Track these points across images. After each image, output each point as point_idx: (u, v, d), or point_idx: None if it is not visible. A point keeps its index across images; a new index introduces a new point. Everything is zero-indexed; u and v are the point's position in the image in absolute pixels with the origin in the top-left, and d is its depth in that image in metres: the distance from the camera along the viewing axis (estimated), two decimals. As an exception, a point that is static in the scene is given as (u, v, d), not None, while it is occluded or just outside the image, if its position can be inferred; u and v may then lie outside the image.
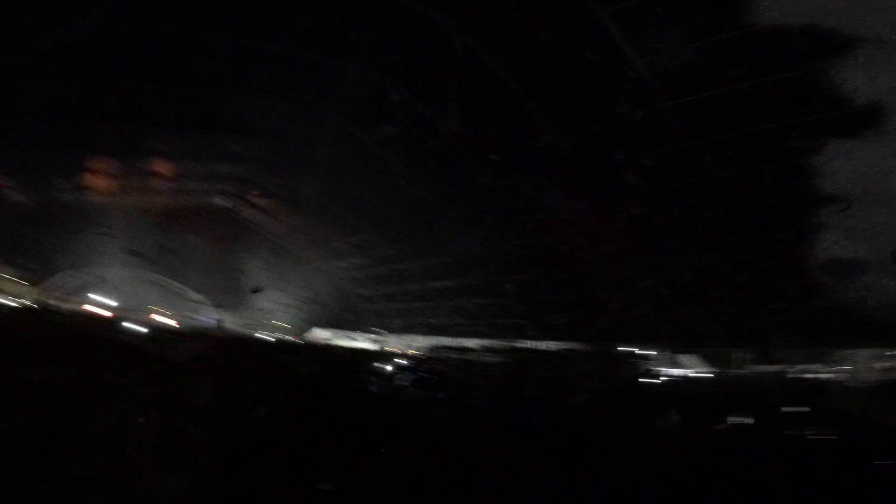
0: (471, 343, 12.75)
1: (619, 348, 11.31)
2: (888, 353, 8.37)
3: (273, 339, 14.56)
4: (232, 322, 14.28)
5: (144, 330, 9.72)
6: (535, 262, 11.42)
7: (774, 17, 6.37)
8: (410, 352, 13.50)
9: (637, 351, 11.26)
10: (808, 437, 6.29)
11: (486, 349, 12.26)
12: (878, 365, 8.46)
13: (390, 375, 11.03)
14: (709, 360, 11.23)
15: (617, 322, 11.55)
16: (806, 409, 7.26)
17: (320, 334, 15.24)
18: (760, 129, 7.64)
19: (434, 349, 13.35)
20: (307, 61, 7.49)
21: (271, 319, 14.83)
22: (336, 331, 15.13)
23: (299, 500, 5.01)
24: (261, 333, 13.77)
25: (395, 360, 11.96)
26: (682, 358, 11.35)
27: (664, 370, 10.85)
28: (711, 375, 10.74)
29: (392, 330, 14.50)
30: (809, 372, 9.48)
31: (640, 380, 10.36)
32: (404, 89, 8.22)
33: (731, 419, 7.29)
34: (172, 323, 13.45)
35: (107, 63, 6.85)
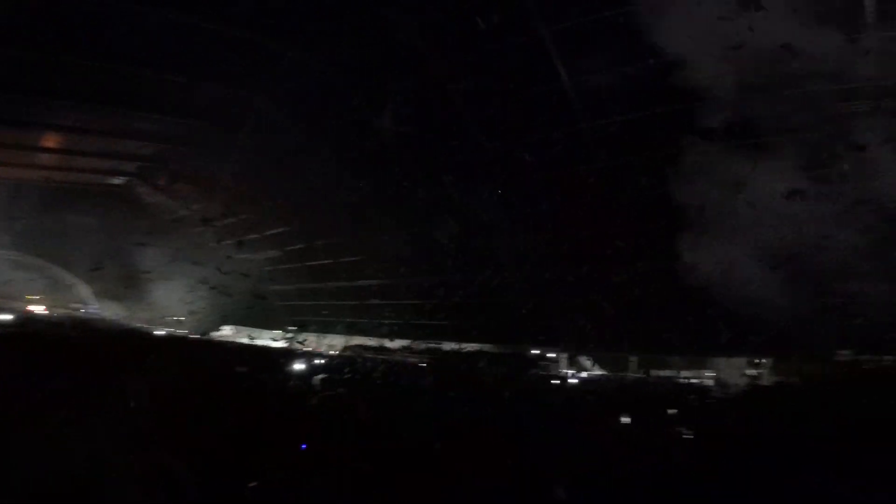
0: (392, 343, 12.65)
1: (530, 351, 11.97)
2: (756, 362, 9.72)
3: (164, 335, 13.31)
4: (123, 315, 12.73)
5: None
6: (459, 266, 11.68)
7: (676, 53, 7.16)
8: (328, 351, 13.06)
9: (545, 353, 12.00)
10: (684, 436, 7.01)
11: (407, 349, 12.26)
12: (747, 372, 9.77)
13: (305, 375, 10.62)
14: (603, 363, 12.31)
15: (529, 326, 12.23)
16: (684, 410, 8.11)
17: (227, 331, 14.15)
18: (655, 156, 8.55)
19: (353, 349, 13.05)
20: (243, 42, 6.93)
21: (171, 314, 13.46)
22: (245, 328, 14.14)
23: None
24: (157, 329, 12.46)
25: (311, 359, 11.53)
26: (583, 360, 12.31)
27: (567, 372, 11.66)
28: (600, 378, 11.70)
29: (308, 329, 13.90)
30: (688, 377, 10.70)
31: (548, 381, 11.02)
32: (344, 84, 7.98)
33: (623, 418, 8.00)
34: (46, 312, 11.71)
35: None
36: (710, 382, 10.03)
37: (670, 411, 8.09)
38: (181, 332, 13.65)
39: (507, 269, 11.43)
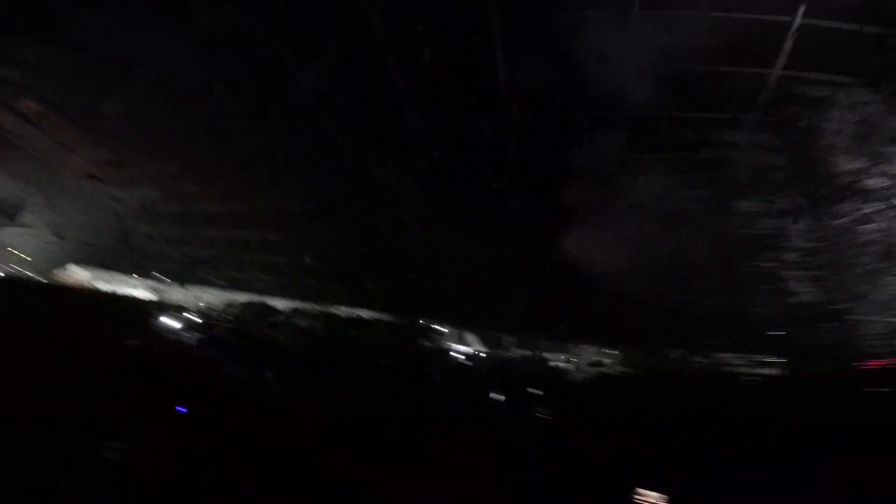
0: (278, 303, 12.17)
1: (420, 322, 12.45)
2: (605, 351, 11.32)
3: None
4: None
5: None
6: (360, 231, 11.55)
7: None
8: (202, 306, 12.12)
9: (434, 326, 12.57)
10: (539, 415, 8.01)
11: (295, 311, 11.91)
12: (596, 359, 11.34)
13: (179, 333, 9.91)
14: (485, 340, 13.33)
15: (421, 298, 12.70)
16: (546, 391, 9.23)
17: (79, 274, 12.31)
18: (560, 155, 9.22)
19: (232, 306, 12.29)
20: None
21: (14, 251, 11.28)
22: (102, 271, 12.42)
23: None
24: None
25: (182, 314, 10.66)
26: (468, 336, 13.18)
27: (453, 346, 12.40)
28: (480, 354, 12.72)
29: (180, 279, 12.67)
30: (551, 360, 12.09)
31: (434, 353, 11.63)
32: (268, 29, 7.19)
33: (493, 395, 8.90)
34: None
35: None
36: (569, 367, 11.46)
37: (534, 391, 9.13)
38: (25, 272, 11.64)
39: (409, 242, 11.62)
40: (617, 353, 11.14)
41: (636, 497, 5.21)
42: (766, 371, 9.05)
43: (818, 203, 8.10)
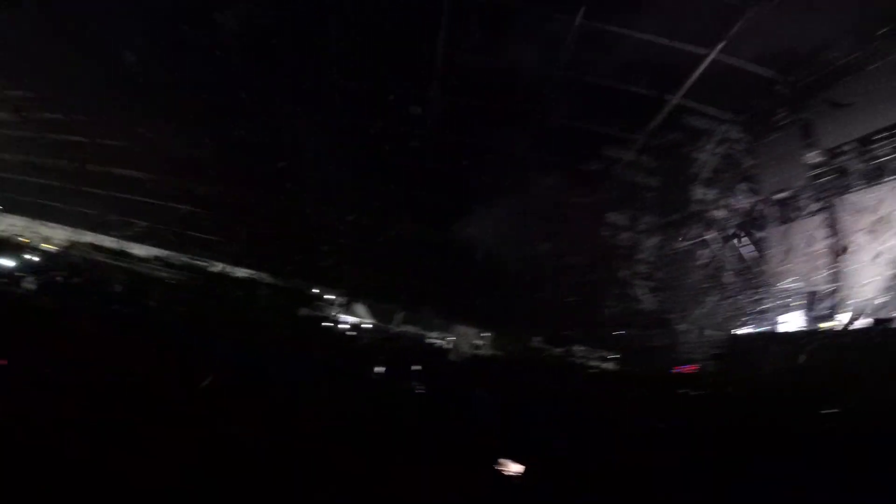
0: (141, 250, 10.76)
1: (308, 289, 11.99)
2: (482, 335, 12.06)
3: None
4: None
5: None
6: (251, 181, 10.72)
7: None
8: (45, 245, 10.29)
9: (322, 294, 12.20)
10: (418, 391, 8.35)
11: (162, 262, 10.66)
12: (474, 341, 12.05)
13: (10, 272, 8.47)
14: (374, 312, 13.31)
15: (310, 262, 12.23)
16: (425, 366, 9.57)
17: None
18: (481, 143, 9.56)
19: (81, 247, 10.60)
20: None
21: None
22: None
23: None
24: None
25: (20, 252, 9.02)
26: (357, 307, 13.02)
27: (341, 316, 12.18)
28: (367, 326, 12.73)
29: (22, 210, 10.54)
30: (433, 338, 12.52)
31: (320, 322, 11.32)
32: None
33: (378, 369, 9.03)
34: None
35: None
36: (448, 345, 12.02)
37: (414, 367, 9.44)
38: None
39: (310, 202, 11.06)
40: (490, 336, 11.87)
41: (498, 467, 5.77)
42: (605, 365, 10.01)
43: (670, 225, 9.26)
